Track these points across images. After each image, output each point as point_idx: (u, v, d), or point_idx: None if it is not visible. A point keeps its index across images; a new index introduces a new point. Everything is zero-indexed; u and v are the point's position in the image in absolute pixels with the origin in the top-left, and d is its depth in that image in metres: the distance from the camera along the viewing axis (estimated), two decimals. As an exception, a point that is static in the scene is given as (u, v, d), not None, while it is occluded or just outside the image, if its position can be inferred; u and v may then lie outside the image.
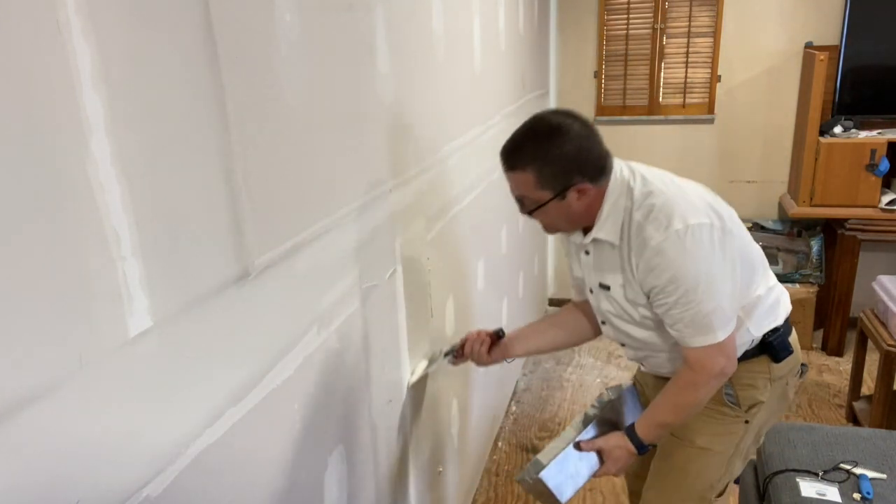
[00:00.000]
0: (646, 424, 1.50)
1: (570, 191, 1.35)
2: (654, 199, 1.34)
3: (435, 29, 1.81)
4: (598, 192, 1.38)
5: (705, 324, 1.34)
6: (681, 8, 3.67)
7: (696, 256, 1.31)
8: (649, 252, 1.33)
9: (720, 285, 1.34)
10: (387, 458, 1.62)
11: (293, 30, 1.08)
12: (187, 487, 0.87)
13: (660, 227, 1.31)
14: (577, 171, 1.33)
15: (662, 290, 1.35)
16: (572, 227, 1.48)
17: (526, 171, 1.34)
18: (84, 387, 0.70)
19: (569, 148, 1.32)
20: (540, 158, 1.33)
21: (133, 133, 0.75)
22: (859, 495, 1.80)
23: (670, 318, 1.38)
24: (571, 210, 1.38)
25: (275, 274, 1.05)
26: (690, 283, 1.31)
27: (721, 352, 1.37)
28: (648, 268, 1.35)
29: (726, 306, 1.35)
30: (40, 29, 0.64)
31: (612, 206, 1.39)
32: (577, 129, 1.34)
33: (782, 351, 1.51)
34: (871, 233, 3.34)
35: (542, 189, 1.35)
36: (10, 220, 0.61)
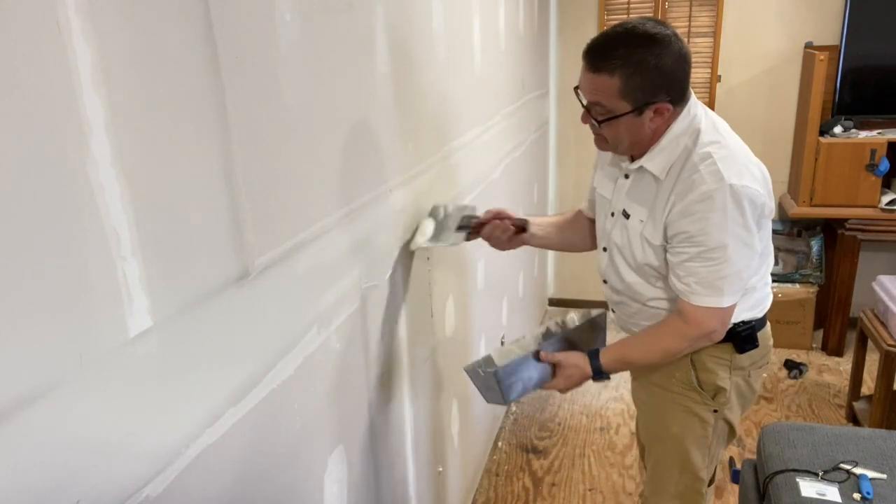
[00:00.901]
0: (611, 355, 1.50)
1: (650, 108, 1.29)
2: (720, 150, 1.30)
3: (435, 29, 1.81)
4: (671, 118, 1.33)
5: (717, 286, 1.33)
6: (681, 8, 3.67)
7: (737, 218, 1.28)
8: (695, 195, 1.28)
9: (746, 253, 1.32)
10: (387, 457, 1.62)
11: (293, 30, 1.08)
12: (187, 487, 0.87)
13: (715, 176, 1.27)
14: (666, 89, 1.28)
15: (689, 239, 1.31)
16: (630, 150, 1.41)
17: (613, 76, 1.28)
18: (84, 387, 0.70)
19: (665, 62, 1.26)
20: (633, 65, 1.26)
21: (133, 133, 0.75)
22: (859, 495, 1.80)
23: (684, 270, 1.34)
24: (641, 130, 1.32)
25: (275, 274, 1.05)
26: (721, 241, 1.28)
27: (719, 316, 1.37)
28: (686, 212, 1.30)
29: (742, 275, 1.35)
30: (40, 29, 0.64)
31: (671, 140, 1.34)
32: (675, 44, 1.28)
33: (746, 343, 1.51)
34: (871, 233, 3.34)
35: (623, 99, 1.29)
36: (10, 220, 0.61)
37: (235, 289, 0.95)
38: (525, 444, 2.96)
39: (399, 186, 1.59)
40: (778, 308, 3.57)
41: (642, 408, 1.73)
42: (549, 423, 3.10)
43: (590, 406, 3.23)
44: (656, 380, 1.61)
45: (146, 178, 0.77)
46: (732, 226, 1.28)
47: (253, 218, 0.98)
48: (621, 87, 1.27)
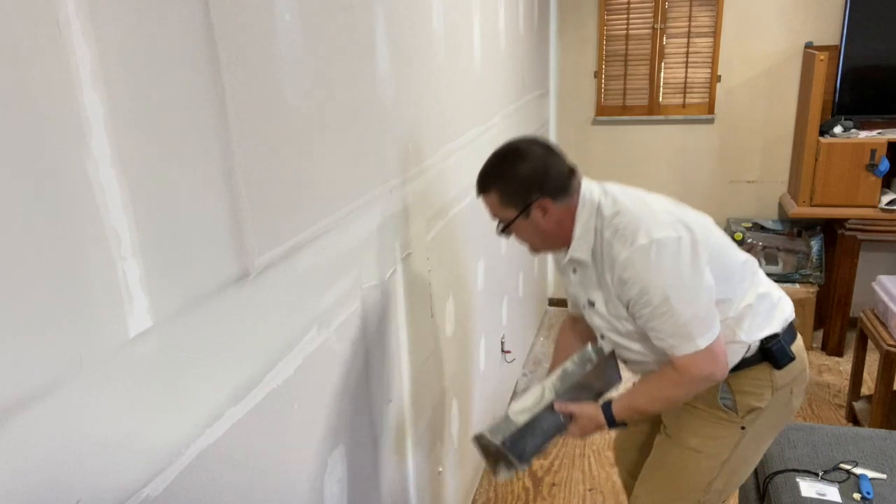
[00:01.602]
0: (621, 405, 1.52)
1: (533, 208, 1.42)
2: (621, 217, 1.40)
3: (435, 29, 1.81)
4: (565, 211, 1.44)
5: (685, 333, 1.38)
6: (681, 8, 3.67)
7: (663, 269, 1.35)
8: (618, 267, 1.39)
9: (692, 294, 1.37)
10: (387, 457, 1.62)
11: (293, 30, 1.08)
12: (187, 487, 0.87)
13: (626, 242, 1.37)
14: (537, 188, 1.41)
15: (637, 303, 1.40)
16: (550, 246, 1.54)
17: (491, 193, 1.44)
18: (84, 387, 0.70)
19: (525, 167, 1.41)
20: (502, 179, 1.43)
21: (133, 133, 0.75)
22: (859, 495, 1.80)
23: (651, 331, 1.42)
24: (541, 228, 1.45)
25: (275, 274, 1.05)
26: (661, 295, 1.35)
27: (708, 358, 1.39)
28: (621, 282, 1.40)
29: (702, 314, 1.38)
30: (40, 29, 0.64)
31: (583, 226, 1.45)
32: (535, 150, 1.43)
33: (783, 358, 1.51)
34: (871, 233, 3.34)
35: (508, 207, 1.44)
36: (11, 219, 0.61)
37: (235, 289, 0.95)
38: (525, 444, 2.96)
39: (399, 186, 1.59)
40: (778, 308, 3.59)
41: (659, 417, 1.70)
42: (549, 423, 3.10)
43: (590, 406, 3.22)
44: None
45: (146, 178, 0.77)
46: (661, 277, 1.35)
47: (253, 218, 0.98)
48: (500, 198, 1.44)
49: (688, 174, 3.92)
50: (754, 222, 3.74)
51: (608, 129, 3.96)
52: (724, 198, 3.90)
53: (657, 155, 3.93)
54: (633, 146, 3.95)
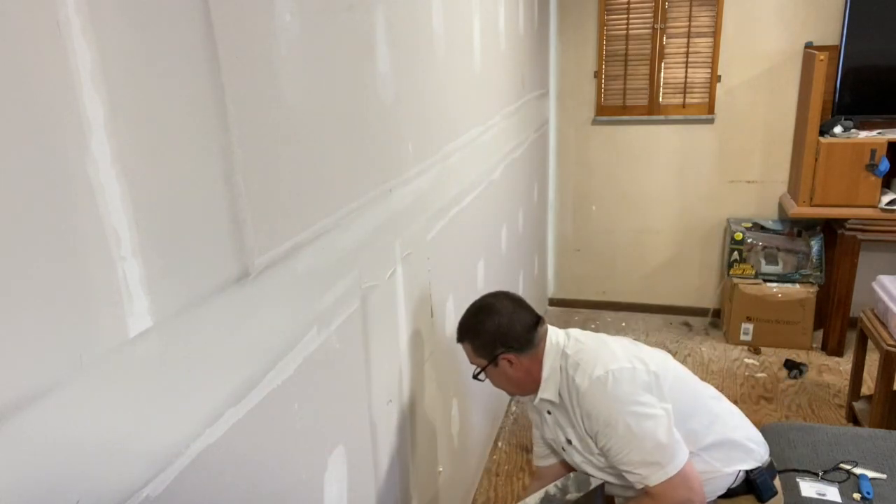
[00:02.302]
0: None
1: (500, 359, 1.55)
2: (581, 355, 1.53)
3: (435, 29, 1.81)
4: (530, 360, 1.56)
5: (652, 461, 1.42)
6: (681, 8, 3.67)
7: (620, 397, 1.44)
8: (580, 399, 1.49)
9: (652, 422, 1.43)
10: (387, 458, 1.62)
11: (293, 30, 1.08)
12: (187, 487, 0.87)
13: (584, 376, 1.48)
14: (501, 343, 1.54)
15: (603, 435, 1.47)
16: (521, 391, 1.64)
17: (465, 343, 1.60)
18: (84, 387, 0.70)
19: (491, 324, 1.55)
20: (471, 332, 1.58)
21: (133, 133, 0.75)
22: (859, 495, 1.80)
23: (620, 463, 1.47)
24: (510, 376, 1.57)
25: (275, 274, 1.05)
26: (621, 425, 1.43)
27: (681, 484, 1.43)
28: (586, 415, 1.49)
29: (665, 441, 1.43)
30: (40, 29, 0.64)
31: (550, 369, 1.56)
32: (503, 306, 1.58)
33: (766, 491, 1.57)
34: (871, 233, 3.34)
35: (479, 357, 1.58)
36: (11, 219, 0.61)
37: (235, 289, 0.95)
38: (525, 444, 2.96)
39: (399, 186, 1.59)
40: (778, 308, 3.59)
41: None
42: (549, 423, 3.10)
43: (590, 406, 3.22)
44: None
45: (146, 178, 0.77)
46: (619, 406, 1.44)
47: (253, 218, 0.98)
48: (472, 350, 1.59)
49: (688, 174, 3.92)
50: (754, 222, 3.75)
51: (608, 129, 3.96)
52: (724, 198, 3.90)
53: (657, 155, 3.93)
54: (633, 146, 3.95)
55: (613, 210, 4.09)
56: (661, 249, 4.10)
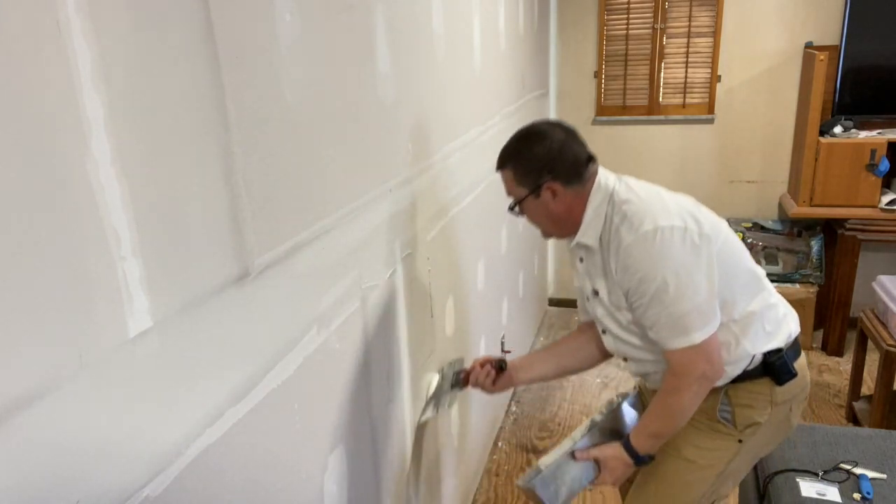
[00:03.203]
0: (639, 435, 1.51)
1: (543, 189, 1.44)
2: (631, 205, 1.41)
3: (435, 29, 1.81)
4: (575, 197, 1.46)
5: (681, 325, 1.36)
6: (681, 8, 3.67)
7: (665, 257, 1.35)
8: (622, 253, 1.39)
9: (693, 286, 1.35)
10: (387, 458, 1.62)
11: (293, 30, 1.08)
12: (187, 487, 0.87)
13: (631, 228, 1.38)
14: (548, 170, 1.43)
15: (636, 291, 1.39)
16: (558, 230, 1.54)
17: (507, 169, 1.49)
18: (84, 387, 0.70)
19: (541, 149, 1.44)
20: (517, 157, 1.47)
21: (133, 133, 0.75)
22: (859, 495, 1.80)
23: (647, 320, 1.41)
24: (550, 210, 1.47)
25: (275, 274, 1.05)
26: (660, 284, 1.35)
27: (701, 354, 1.38)
28: (623, 268, 1.40)
29: (703, 308, 1.36)
30: (40, 29, 0.64)
31: (594, 212, 1.46)
32: (555, 133, 1.45)
33: (785, 374, 1.49)
34: (871, 233, 3.34)
35: (520, 186, 1.47)
36: (10, 219, 0.61)
37: (235, 289, 0.95)
38: (525, 444, 2.96)
39: (399, 186, 1.59)
40: (778, 308, 3.59)
41: None
42: (549, 423, 3.10)
43: (589, 406, 3.23)
44: None
45: (146, 178, 0.77)
46: (663, 265, 1.35)
47: (253, 218, 0.98)
48: (514, 176, 1.48)
49: (688, 174, 3.92)
50: (754, 222, 3.74)
51: (608, 129, 3.96)
52: (724, 198, 3.90)
53: (657, 155, 3.93)
54: (633, 146, 3.95)
55: (613, 210, 4.09)
56: (661, 249, 4.09)
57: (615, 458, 1.52)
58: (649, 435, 1.50)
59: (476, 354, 2.47)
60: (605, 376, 3.48)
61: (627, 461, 1.51)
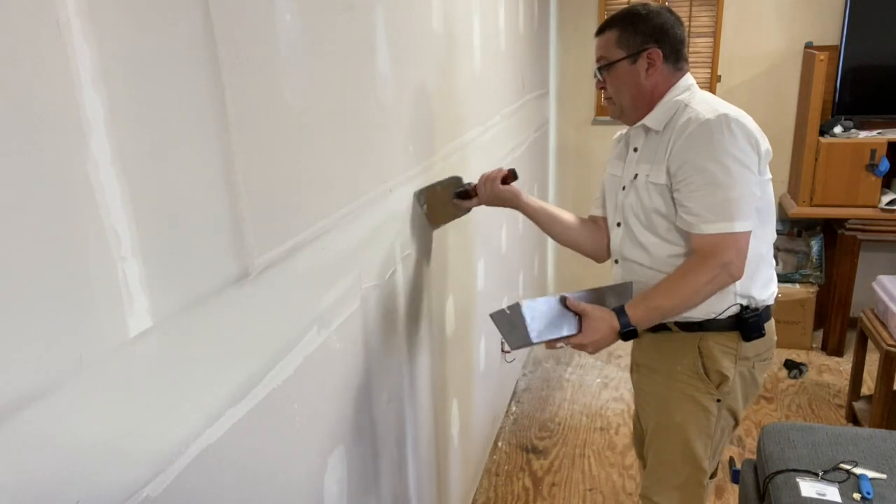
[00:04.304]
0: (637, 305, 1.47)
1: (643, 56, 1.49)
2: (707, 102, 1.46)
3: (435, 29, 1.81)
4: (666, 77, 1.51)
5: (726, 209, 1.39)
6: (681, 8, 3.67)
7: (734, 142, 1.38)
8: (695, 127, 1.41)
9: (748, 177, 1.40)
10: (387, 457, 1.62)
11: (293, 30, 1.08)
12: (187, 487, 0.87)
13: (710, 110, 1.41)
14: (656, 39, 1.49)
15: (691, 166, 1.40)
16: (632, 106, 1.55)
17: (612, 30, 1.52)
18: (84, 387, 0.70)
19: (655, 19, 1.50)
20: (628, 20, 1.51)
21: (133, 133, 0.75)
22: (859, 495, 1.80)
23: (691, 201, 1.42)
24: (638, 80, 1.51)
25: (275, 274, 1.05)
26: (722, 162, 1.38)
27: (733, 243, 1.40)
28: (686, 143, 1.41)
29: (749, 199, 1.40)
30: (40, 29, 0.64)
31: (669, 101, 1.51)
32: (667, 15, 1.52)
33: (754, 332, 1.54)
34: (871, 233, 3.34)
35: (620, 48, 1.51)
36: (10, 219, 0.61)
37: (235, 289, 0.95)
38: (525, 444, 2.96)
39: (399, 186, 1.59)
40: (778, 308, 3.57)
41: (645, 398, 1.74)
42: (549, 423, 3.10)
43: (590, 406, 3.23)
44: (662, 368, 1.65)
45: (146, 178, 0.77)
46: (731, 149, 1.38)
47: (253, 218, 0.98)
48: (618, 36, 1.50)
49: (688, 174, 3.92)
50: (754, 222, 3.74)
51: (608, 129, 3.96)
52: (724, 198, 3.89)
53: (657, 155, 3.93)
54: (633, 146, 3.94)
55: (613, 210, 4.09)
56: (661, 249, 4.09)
57: (602, 319, 1.45)
58: (649, 307, 1.47)
59: (476, 354, 2.47)
60: (605, 376, 3.48)
61: (615, 326, 1.45)
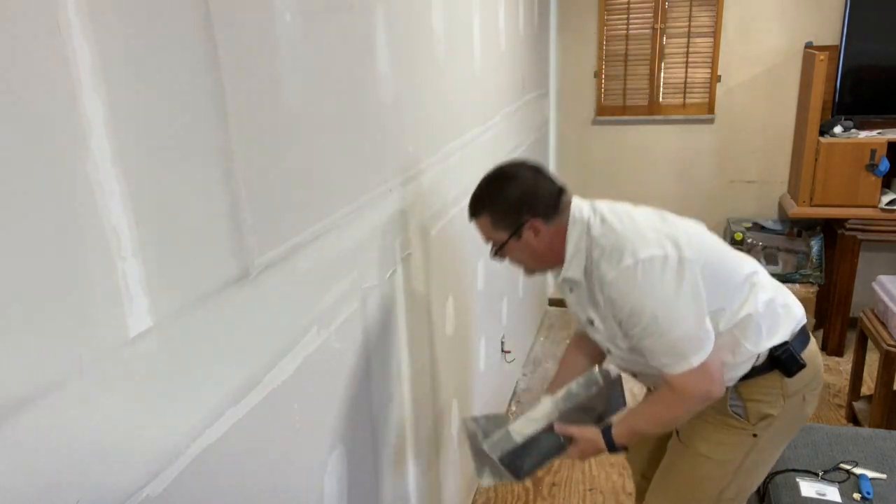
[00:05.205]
0: (621, 429, 1.52)
1: (524, 229, 1.44)
2: (608, 238, 1.41)
3: (435, 29, 1.81)
4: (555, 231, 1.46)
5: (677, 351, 1.37)
6: (681, 8, 3.67)
7: (649, 289, 1.36)
8: (607, 288, 1.40)
9: (681, 313, 1.37)
10: (387, 457, 1.62)
11: (293, 30, 1.08)
12: (187, 487, 0.87)
13: (612, 263, 1.38)
14: (527, 209, 1.43)
15: (627, 322, 1.40)
16: (543, 266, 1.55)
17: (483, 216, 1.47)
18: (84, 387, 0.70)
19: (514, 189, 1.44)
20: (492, 201, 1.46)
21: (133, 133, 0.75)
22: (859, 495, 1.80)
23: (644, 350, 1.42)
24: (533, 248, 1.47)
25: (275, 274, 1.05)
26: (649, 315, 1.36)
27: (702, 375, 1.39)
28: (610, 302, 1.41)
29: (693, 332, 1.37)
30: (40, 29, 0.64)
31: (574, 246, 1.46)
32: (523, 172, 1.47)
33: (793, 365, 1.48)
34: (871, 233, 3.34)
35: (499, 230, 1.46)
36: (11, 219, 0.61)
37: (235, 289, 0.95)
38: (525, 444, 2.96)
39: (399, 186, 1.59)
40: (778, 308, 3.59)
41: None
42: (549, 423, 3.10)
43: (590, 406, 3.22)
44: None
45: (146, 177, 0.77)
46: (649, 297, 1.36)
47: (253, 218, 0.98)
48: (491, 221, 1.46)
49: (688, 174, 3.92)
50: (754, 222, 3.74)
51: (608, 129, 3.96)
52: (724, 198, 3.90)
53: (657, 155, 3.93)
54: (633, 146, 3.95)
55: (613, 210, 4.09)
56: (661, 249, 4.09)
57: (590, 441, 1.52)
58: (632, 432, 1.52)
59: (476, 354, 2.47)
60: (605, 376, 3.48)
61: (601, 447, 1.52)
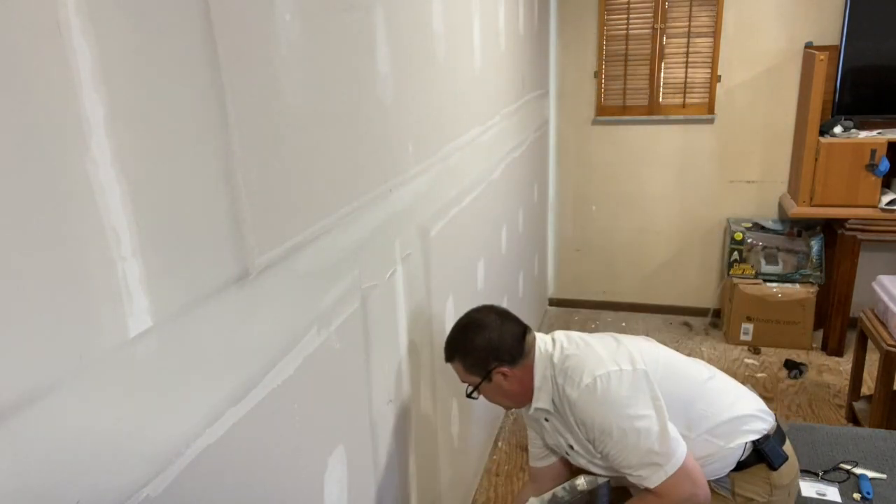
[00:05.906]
0: None
1: (494, 374, 1.54)
2: (568, 362, 1.51)
3: (435, 29, 1.81)
4: (522, 372, 1.55)
5: (650, 462, 1.42)
6: (681, 8, 3.67)
7: (610, 403, 1.44)
8: (573, 410, 1.49)
9: (644, 423, 1.43)
10: (387, 458, 1.62)
11: (293, 30, 1.08)
12: (187, 487, 0.87)
13: (574, 385, 1.48)
14: (494, 357, 1.53)
15: (599, 442, 1.46)
16: (517, 403, 1.63)
17: (456, 361, 1.59)
18: (84, 387, 0.70)
19: (482, 340, 1.54)
20: (461, 350, 1.57)
21: (133, 133, 0.75)
22: (859, 495, 1.80)
23: (620, 467, 1.47)
24: (505, 390, 1.56)
25: (275, 274, 1.05)
26: (616, 429, 1.43)
27: (684, 479, 1.42)
28: (581, 422, 1.49)
29: (663, 438, 1.42)
30: (40, 29, 0.64)
31: (541, 379, 1.56)
32: (490, 320, 1.57)
33: (777, 458, 1.54)
34: (871, 233, 3.34)
35: (472, 375, 1.57)
36: (11, 220, 0.61)
37: (235, 289, 0.95)
38: (525, 444, 2.95)
39: (399, 186, 1.59)
40: (778, 308, 3.59)
41: None
42: (549, 423, 3.10)
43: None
44: None
45: (146, 178, 0.77)
46: (612, 411, 1.44)
47: (253, 218, 0.98)
48: (464, 368, 1.57)
49: (688, 174, 3.92)
50: (754, 222, 3.74)
51: (608, 129, 3.96)
52: (724, 198, 3.90)
53: (657, 155, 3.93)
54: (633, 146, 3.95)
55: (613, 210, 4.09)
56: (661, 249, 4.10)
57: None
58: None
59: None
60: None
61: None
